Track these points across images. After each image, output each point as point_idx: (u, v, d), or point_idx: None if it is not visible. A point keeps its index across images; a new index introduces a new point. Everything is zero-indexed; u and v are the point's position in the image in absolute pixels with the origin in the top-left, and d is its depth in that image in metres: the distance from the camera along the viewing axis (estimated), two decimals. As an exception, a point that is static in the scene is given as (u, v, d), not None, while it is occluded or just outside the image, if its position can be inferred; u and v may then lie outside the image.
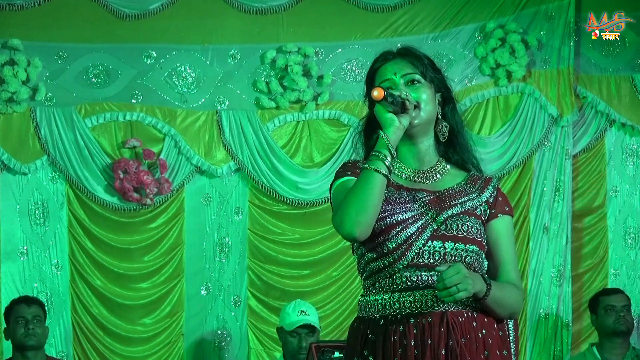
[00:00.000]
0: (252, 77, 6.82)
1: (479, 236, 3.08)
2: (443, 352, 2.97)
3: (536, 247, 6.98)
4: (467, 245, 3.04)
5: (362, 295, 3.14)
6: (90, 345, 6.61)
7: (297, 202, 6.80)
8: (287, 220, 6.85)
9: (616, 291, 6.55)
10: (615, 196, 7.17)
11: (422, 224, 3.03)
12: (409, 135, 3.12)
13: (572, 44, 7.02)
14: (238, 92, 6.82)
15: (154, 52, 6.76)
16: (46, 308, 6.19)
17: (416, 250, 3.01)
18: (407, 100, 3.05)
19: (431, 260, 3.02)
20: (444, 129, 3.17)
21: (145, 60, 6.76)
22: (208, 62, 6.80)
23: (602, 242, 7.13)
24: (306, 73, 6.81)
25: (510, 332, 3.20)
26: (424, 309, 3.00)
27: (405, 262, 3.01)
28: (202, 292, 6.78)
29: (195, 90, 6.79)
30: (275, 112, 6.83)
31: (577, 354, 6.73)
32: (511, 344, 3.19)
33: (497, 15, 6.99)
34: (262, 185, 6.78)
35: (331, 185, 3.18)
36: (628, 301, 6.46)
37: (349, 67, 6.89)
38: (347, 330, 3.22)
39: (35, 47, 6.62)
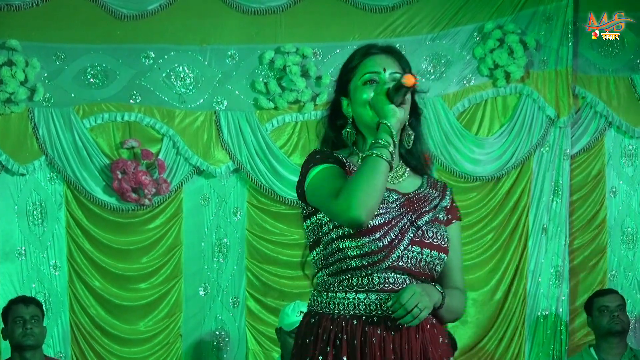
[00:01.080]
0: (251, 78, 6.82)
1: (447, 245, 3.11)
2: (418, 357, 2.99)
3: (535, 247, 6.99)
4: (440, 254, 3.08)
5: (320, 291, 3.08)
6: (88, 346, 6.60)
7: (295, 202, 6.78)
8: (285, 220, 6.84)
9: (609, 291, 6.55)
10: (614, 197, 7.17)
11: (402, 227, 3.03)
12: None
13: (570, 44, 7.02)
14: (236, 92, 6.82)
15: (152, 53, 6.76)
16: (44, 308, 6.17)
17: (398, 254, 3.00)
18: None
19: (409, 265, 3.02)
20: (410, 137, 3.13)
21: (143, 60, 6.75)
22: (206, 63, 6.80)
23: (600, 242, 7.13)
24: (304, 73, 6.80)
25: None
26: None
27: (387, 264, 2.99)
28: (201, 293, 6.78)
29: (193, 91, 6.78)
30: (273, 113, 6.83)
31: (574, 355, 6.73)
32: None
33: (496, 16, 7.00)
34: (260, 185, 6.78)
35: (307, 172, 3.06)
36: (622, 301, 6.45)
37: (347, 67, 6.88)
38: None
39: (33, 47, 6.62)
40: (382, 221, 2.99)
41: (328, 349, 3.00)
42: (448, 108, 6.96)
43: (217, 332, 6.78)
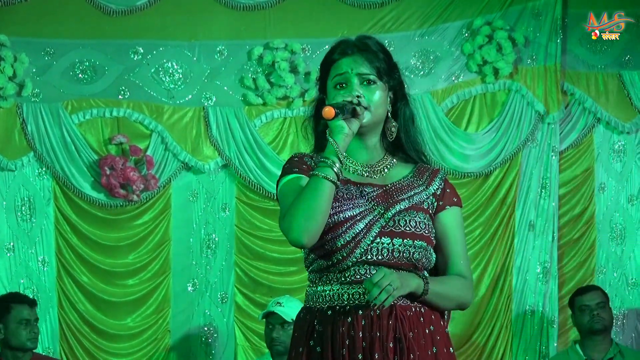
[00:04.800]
0: (239, 74, 6.82)
1: (427, 231, 3.07)
2: (391, 344, 2.97)
3: (522, 244, 7.00)
4: (415, 241, 3.03)
5: (309, 286, 3.13)
6: (77, 342, 6.61)
7: (284, 198, 6.78)
8: (274, 216, 6.83)
9: (590, 289, 6.52)
10: (603, 193, 7.18)
11: (370, 220, 3.02)
12: (357, 133, 3.09)
13: (559, 40, 7.02)
14: (225, 88, 6.82)
15: (140, 48, 6.75)
16: (33, 304, 6.18)
17: (365, 247, 3.00)
18: (359, 105, 3.03)
19: (379, 257, 3.01)
20: (393, 128, 3.16)
21: (132, 56, 6.75)
22: (195, 59, 6.79)
23: (588, 238, 7.14)
24: (293, 69, 6.80)
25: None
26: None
27: (354, 259, 3.00)
28: (189, 289, 6.78)
29: (182, 87, 6.78)
30: (262, 109, 6.83)
31: (560, 351, 6.74)
32: None
33: (484, 12, 6.99)
34: (249, 181, 6.78)
35: (278, 181, 3.14)
36: (603, 298, 6.44)
37: (336, 63, 6.87)
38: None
39: (22, 43, 6.61)
40: (344, 217, 3.01)
41: (306, 339, 3.05)
42: (437, 104, 6.96)
43: (206, 328, 6.79)
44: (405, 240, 3.02)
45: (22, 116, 6.57)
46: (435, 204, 3.14)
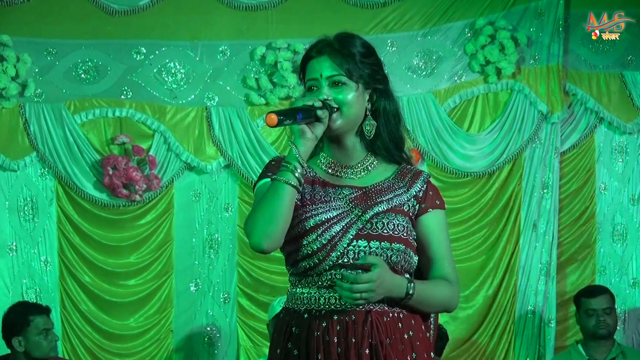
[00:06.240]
0: (242, 74, 6.82)
1: (405, 234, 3.03)
2: (367, 351, 2.95)
3: (525, 244, 7.00)
4: (393, 244, 2.99)
5: (289, 287, 3.12)
6: (79, 342, 6.61)
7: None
8: (276, 216, 6.82)
9: (598, 292, 6.45)
10: (604, 193, 7.19)
11: (347, 222, 3.00)
12: (333, 136, 3.07)
13: (561, 40, 7.02)
14: (227, 88, 6.82)
15: (143, 49, 6.75)
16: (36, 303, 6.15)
17: (341, 250, 2.98)
18: (324, 108, 2.99)
19: (356, 260, 2.98)
20: (367, 127, 3.10)
21: (134, 56, 6.75)
22: (197, 59, 6.79)
23: (590, 238, 7.15)
24: (296, 69, 6.78)
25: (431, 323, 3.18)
26: (348, 306, 2.98)
27: (331, 263, 2.98)
28: (192, 289, 6.78)
29: (184, 87, 6.78)
30: (264, 109, 6.82)
31: (563, 351, 6.74)
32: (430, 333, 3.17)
33: (487, 12, 7.00)
34: (251, 181, 6.77)
35: (254, 185, 3.13)
36: (610, 302, 6.40)
37: (338, 63, 6.86)
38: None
39: (25, 43, 6.61)
40: (319, 220, 3.00)
41: (284, 341, 3.04)
42: (439, 104, 6.96)
43: (208, 328, 6.79)
44: (382, 242, 2.99)
45: (25, 116, 6.57)
46: (417, 206, 3.10)
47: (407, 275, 3.06)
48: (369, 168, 3.13)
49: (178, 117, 6.76)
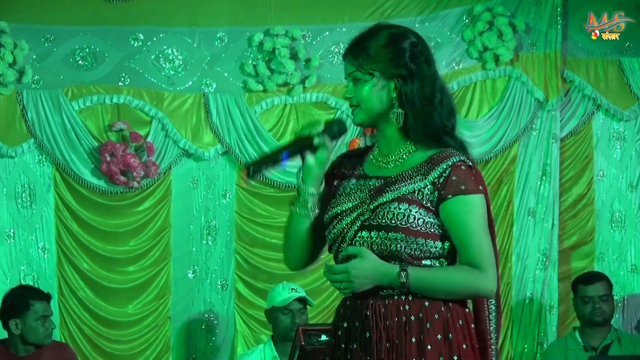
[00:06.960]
0: (240, 60, 6.81)
1: (404, 222, 2.98)
2: (367, 334, 3.02)
3: (521, 231, 7.00)
4: (390, 234, 2.97)
5: None
6: (77, 329, 6.61)
7: (284, 185, 6.79)
8: (274, 203, 6.84)
9: (595, 279, 6.46)
10: (602, 180, 7.19)
11: (357, 214, 3.04)
12: (377, 129, 3.13)
13: (559, 27, 7.02)
14: (225, 75, 6.81)
15: (141, 35, 6.74)
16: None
17: (348, 242, 3.04)
18: (327, 130, 3.10)
19: None
20: (392, 116, 3.05)
21: (132, 42, 6.73)
22: (195, 45, 6.78)
23: (588, 225, 7.15)
24: (294, 56, 6.79)
25: (489, 309, 3.16)
26: (349, 293, 3.07)
27: (344, 254, 3.06)
28: (189, 276, 6.78)
29: (182, 73, 6.77)
30: (262, 95, 6.82)
31: (559, 338, 6.75)
32: (491, 322, 3.16)
33: (485, -1, 6.99)
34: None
35: None
36: (607, 289, 6.41)
37: (336, 50, 6.87)
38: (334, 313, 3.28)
39: (22, 29, 6.59)
40: (334, 213, 3.10)
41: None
42: (437, 91, 6.94)
43: (206, 315, 6.80)
44: (381, 232, 2.99)
45: (22, 103, 6.56)
46: (437, 193, 3.01)
47: (428, 262, 3.02)
48: (405, 157, 3.08)
49: (176, 103, 6.75)
